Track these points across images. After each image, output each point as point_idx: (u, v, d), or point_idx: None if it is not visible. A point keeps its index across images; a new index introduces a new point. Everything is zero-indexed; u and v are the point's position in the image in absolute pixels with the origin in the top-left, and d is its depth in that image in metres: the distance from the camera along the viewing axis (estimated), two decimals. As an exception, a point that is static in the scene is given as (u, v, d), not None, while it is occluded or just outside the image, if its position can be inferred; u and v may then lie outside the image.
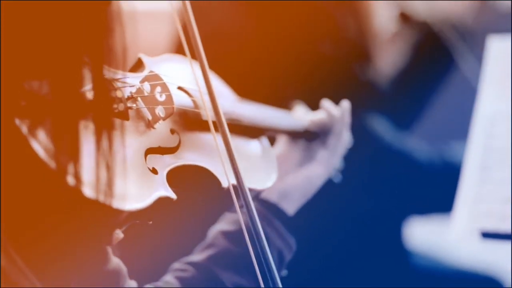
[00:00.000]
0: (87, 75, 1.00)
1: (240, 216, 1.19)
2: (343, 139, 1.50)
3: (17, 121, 0.98)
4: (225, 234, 1.37)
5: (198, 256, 1.35)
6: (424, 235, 2.76)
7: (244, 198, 1.18)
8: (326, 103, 1.51)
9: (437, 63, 2.51)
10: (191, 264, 1.33)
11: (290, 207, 1.42)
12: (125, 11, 1.02)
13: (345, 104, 1.51)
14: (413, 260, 2.47)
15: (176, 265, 1.34)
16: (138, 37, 1.04)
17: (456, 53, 2.42)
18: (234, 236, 1.36)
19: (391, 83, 2.48)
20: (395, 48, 2.51)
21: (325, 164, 1.47)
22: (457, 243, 2.64)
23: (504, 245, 1.65)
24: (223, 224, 1.39)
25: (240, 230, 1.33)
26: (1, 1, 0.97)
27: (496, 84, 1.76)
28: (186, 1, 1.14)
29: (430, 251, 2.63)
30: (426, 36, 2.55)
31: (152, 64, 1.26)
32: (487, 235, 1.62)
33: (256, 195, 1.35)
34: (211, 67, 1.22)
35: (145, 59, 1.26)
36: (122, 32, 1.01)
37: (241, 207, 1.18)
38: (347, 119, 1.51)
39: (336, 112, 1.49)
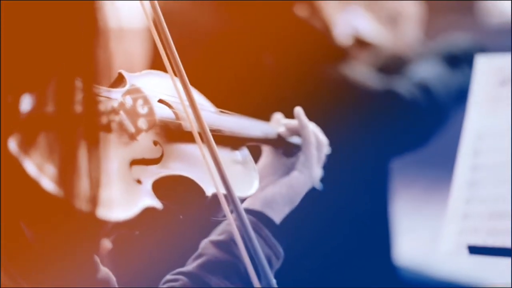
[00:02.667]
0: (77, 89, 1.02)
1: (231, 220, 1.22)
2: (318, 145, 1.51)
3: (9, 141, 0.99)
4: (215, 243, 1.39)
5: (189, 266, 1.37)
6: (412, 250, 2.78)
7: (234, 203, 1.22)
8: (296, 111, 1.51)
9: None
10: (182, 273, 1.36)
11: (276, 215, 1.44)
12: (111, 28, 1.04)
13: (298, 110, 1.50)
14: (401, 272, 2.49)
15: (168, 277, 1.36)
16: (119, 53, 1.07)
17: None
18: (223, 245, 1.38)
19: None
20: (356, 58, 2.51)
21: (305, 171, 1.48)
22: (445, 258, 2.66)
23: (491, 260, 1.66)
24: (213, 235, 1.42)
25: (229, 239, 1.37)
26: None
27: (483, 102, 1.78)
28: (159, 14, 1.18)
29: (418, 266, 2.66)
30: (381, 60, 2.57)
31: (132, 79, 1.29)
32: (474, 250, 1.64)
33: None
34: (189, 80, 1.25)
35: (126, 74, 1.29)
36: (107, 48, 1.03)
37: (231, 212, 1.21)
38: (307, 124, 1.50)
39: (294, 122, 1.50)
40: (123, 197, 1.13)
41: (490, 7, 5.42)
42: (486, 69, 1.82)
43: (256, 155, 1.49)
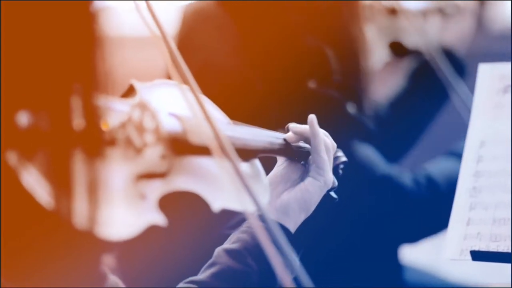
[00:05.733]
0: (77, 103, 1.00)
1: (257, 229, 1.20)
2: (327, 149, 1.50)
3: (8, 154, 0.99)
4: (228, 251, 1.39)
5: (201, 275, 1.38)
6: (416, 256, 2.78)
7: (261, 212, 1.21)
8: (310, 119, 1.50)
9: (430, 92, 2.52)
10: (195, 282, 1.36)
11: (291, 223, 1.45)
12: (112, 36, 1.02)
13: (312, 117, 1.49)
14: (407, 274, 2.50)
15: (181, 285, 1.37)
16: (128, 62, 1.05)
17: (447, 82, 2.44)
18: (236, 254, 1.38)
19: (384, 113, 2.49)
20: (388, 78, 2.52)
21: (319, 178, 1.48)
22: (449, 264, 2.67)
23: (495, 265, 1.68)
24: (227, 243, 1.42)
25: (242, 247, 1.38)
26: None
27: (486, 110, 1.80)
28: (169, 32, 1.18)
29: (423, 269, 2.67)
30: (418, 65, 2.57)
31: (144, 90, 1.27)
32: (477, 256, 1.65)
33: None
34: (204, 92, 1.24)
35: (137, 85, 1.27)
36: (109, 58, 1.01)
37: (260, 219, 1.20)
38: (318, 133, 1.50)
39: (305, 128, 1.50)
40: (127, 213, 1.11)
41: (492, 14, 5.43)
42: (489, 76, 1.83)
43: (269, 162, 1.49)
